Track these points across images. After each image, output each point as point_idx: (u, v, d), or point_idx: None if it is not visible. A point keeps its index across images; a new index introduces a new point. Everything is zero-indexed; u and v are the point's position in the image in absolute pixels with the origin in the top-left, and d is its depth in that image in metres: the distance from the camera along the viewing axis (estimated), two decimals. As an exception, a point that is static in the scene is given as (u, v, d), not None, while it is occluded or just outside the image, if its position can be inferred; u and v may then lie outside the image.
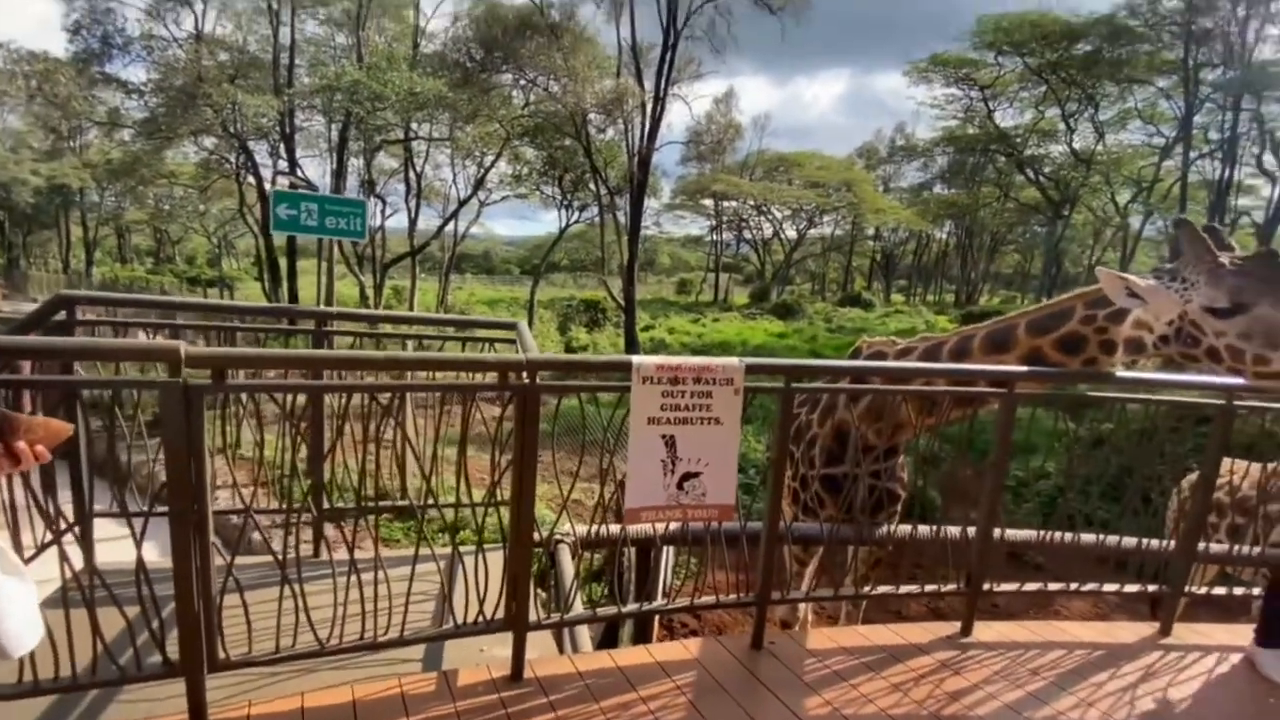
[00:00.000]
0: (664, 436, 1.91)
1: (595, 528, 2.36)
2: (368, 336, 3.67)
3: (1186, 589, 2.77)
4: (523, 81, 20.93)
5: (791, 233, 40.99)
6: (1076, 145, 27.72)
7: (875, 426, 2.79)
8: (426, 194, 24.34)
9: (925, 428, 2.71)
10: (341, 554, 2.09)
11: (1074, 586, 2.74)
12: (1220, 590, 2.98)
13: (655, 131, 20.37)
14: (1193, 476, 3.70)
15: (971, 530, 2.54)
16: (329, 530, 3.30)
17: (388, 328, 4.19)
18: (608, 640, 2.72)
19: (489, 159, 22.23)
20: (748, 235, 43.04)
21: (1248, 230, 24.90)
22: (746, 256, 48.59)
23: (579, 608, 2.28)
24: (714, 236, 42.78)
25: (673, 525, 2.17)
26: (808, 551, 3.49)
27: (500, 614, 2.00)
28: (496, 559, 2.01)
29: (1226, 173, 23.23)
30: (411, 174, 22.72)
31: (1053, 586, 2.72)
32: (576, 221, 28.00)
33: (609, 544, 2.63)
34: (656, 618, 2.93)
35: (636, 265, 21.97)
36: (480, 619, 2.00)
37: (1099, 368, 2.27)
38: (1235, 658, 2.63)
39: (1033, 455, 10.67)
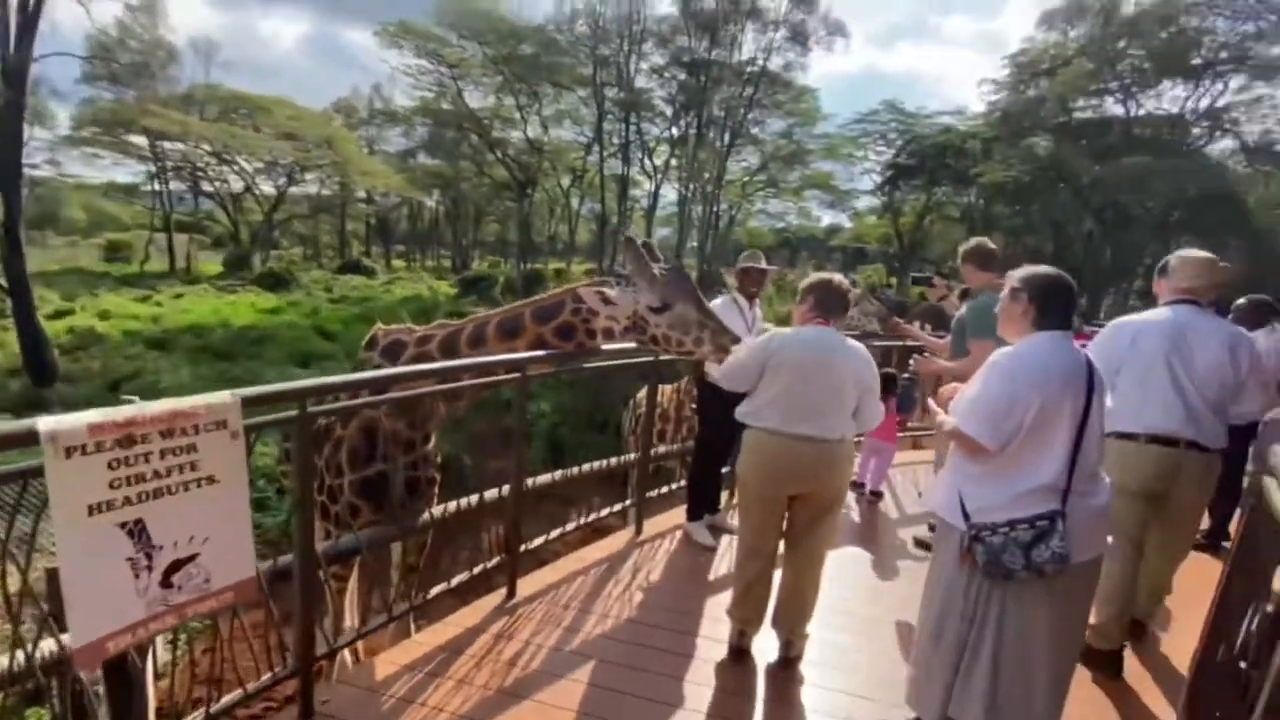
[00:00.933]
0: (125, 525, 1.34)
1: (14, 653, 1.54)
2: None
3: (646, 495, 3.76)
4: None
5: (269, 188, 35.54)
6: (530, 134, 32.72)
7: (407, 419, 2.72)
8: None
9: (454, 412, 2.80)
10: None
11: (581, 520, 3.34)
12: (665, 489, 4.09)
13: (31, 34, 14.10)
14: (639, 395, 4.98)
15: (506, 489, 2.77)
16: None
17: None
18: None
19: None
20: (208, 188, 35.11)
21: (641, 214, 34.55)
22: (211, 214, 39.73)
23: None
24: (157, 186, 33.16)
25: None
26: (347, 566, 3.21)
27: None
28: None
29: (625, 170, 31.48)
30: None
31: (570, 526, 3.26)
32: None
33: (50, 669, 1.76)
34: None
35: (22, 222, 15.14)
36: None
37: (586, 348, 2.72)
38: (679, 534, 3.72)
39: (534, 400, 12.61)
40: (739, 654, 2.57)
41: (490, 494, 2.84)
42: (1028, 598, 1.82)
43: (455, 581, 2.66)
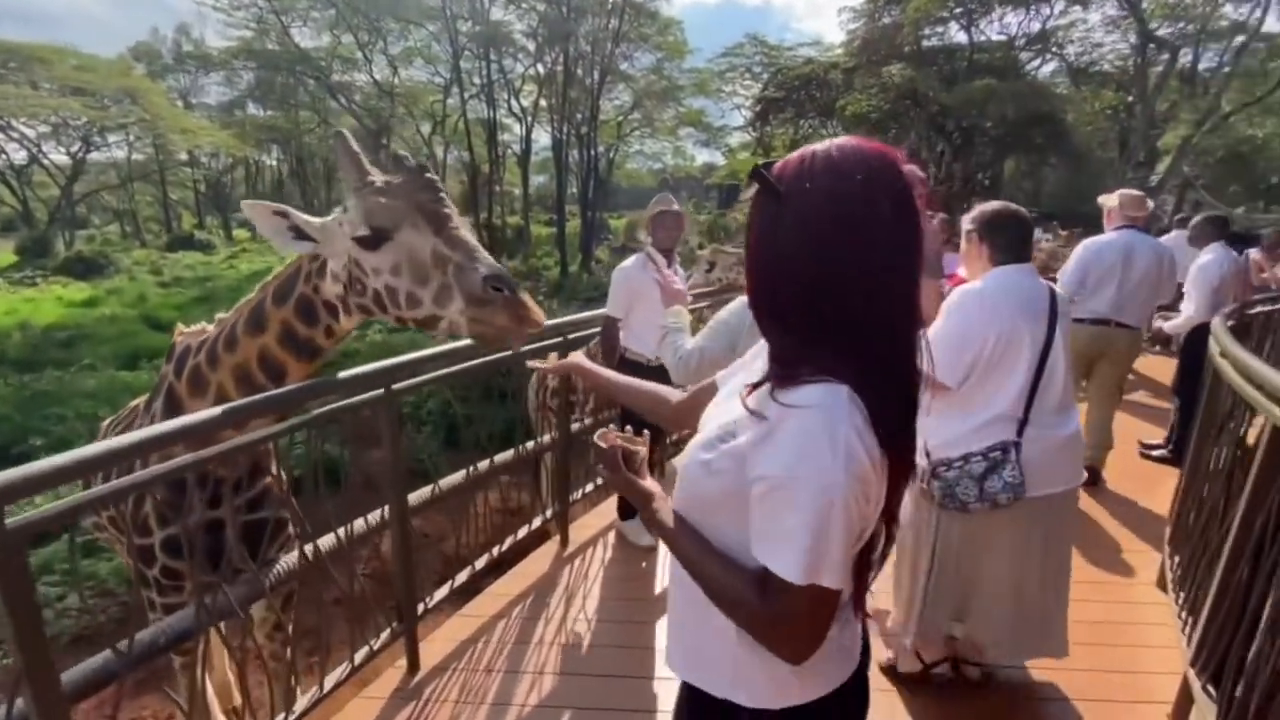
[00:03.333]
0: None
1: None
2: None
3: (571, 500, 3.18)
4: None
5: (62, 157, 29.52)
6: (378, 76, 29.29)
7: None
8: None
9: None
10: None
11: (486, 559, 2.68)
12: (589, 487, 3.50)
13: None
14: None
15: (386, 511, 2.06)
16: None
17: None
18: None
19: None
20: (-21, 161, 28.55)
21: (514, 159, 32.50)
22: (-11, 193, 32.57)
23: None
24: (-90, 165, 26.31)
25: None
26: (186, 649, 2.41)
27: None
28: None
29: (492, 113, 29.17)
30: None
31: (480, 563, 2.61)
32: None
33: None
34: None
35: None
36: None
37: (338, 335, 1.64)
38: (611, 536, 3.20)
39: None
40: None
41: (372, 517, 2.08)
42: (984, 531, 1.89)
43: (330, 681, 1.95)
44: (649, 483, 0.98)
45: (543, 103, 29.19)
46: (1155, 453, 4.38)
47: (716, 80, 32.01)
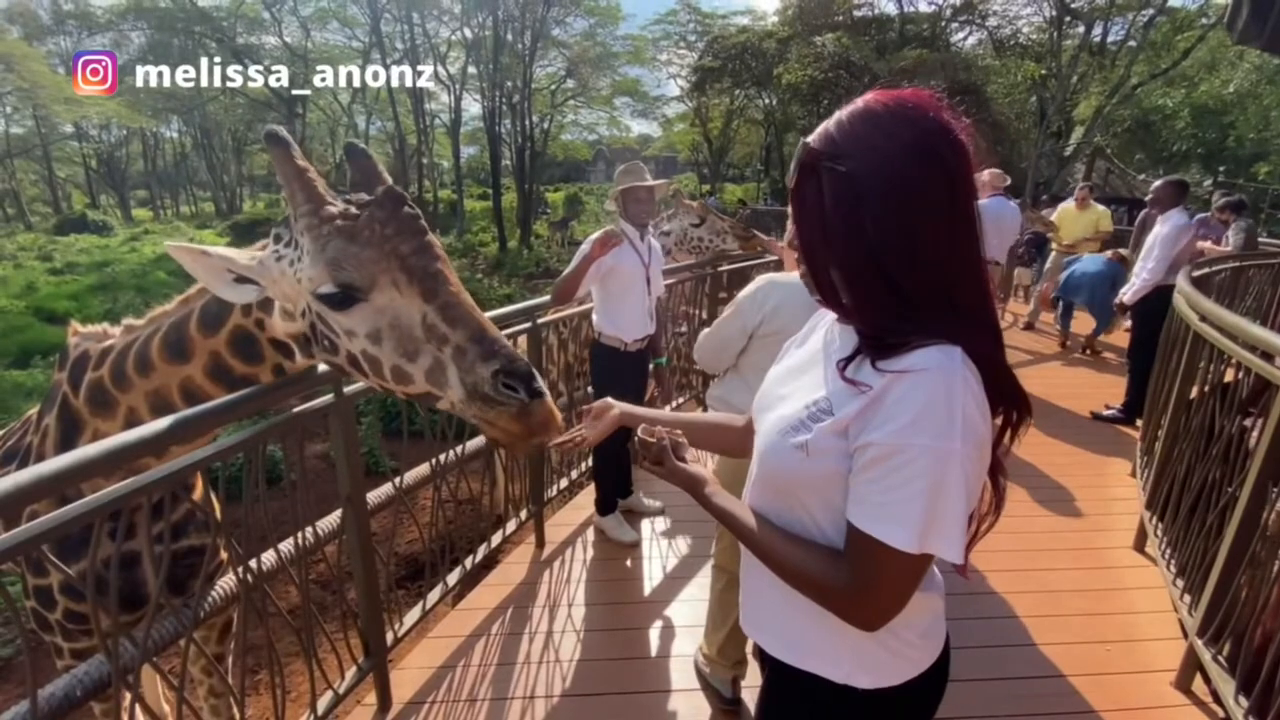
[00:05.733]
0: None
1: None
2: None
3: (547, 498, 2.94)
4: None
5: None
6: (289, 39, 27.10)
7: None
8: None
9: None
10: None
11: (459, 573, 2.42)
12: (564, 481, 3.22)
13: None
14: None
15: (333, 520, 1.76)
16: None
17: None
18: None
19: None
20: None
21: (443, 130, 30.90)
22: None
23: None
24: None
25: None
26: (107, 697, 2.06)
27: None
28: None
29: (416, 80, 27.48)
30: None
31: (452, 579, 2.34)
32: None
33: None
34: None
35: None
36: None
37: (290, 372, 1.36)
38: (590, 534, 2.99)
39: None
40: (735, 704, 1.97)
41: (324, 524, 1.77)
42: None
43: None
44: (697, 468, 0.99)
45: (472, 70, 27.77)
46: (1107, 413, 4.53)
47: (651, 48, 31.35)
